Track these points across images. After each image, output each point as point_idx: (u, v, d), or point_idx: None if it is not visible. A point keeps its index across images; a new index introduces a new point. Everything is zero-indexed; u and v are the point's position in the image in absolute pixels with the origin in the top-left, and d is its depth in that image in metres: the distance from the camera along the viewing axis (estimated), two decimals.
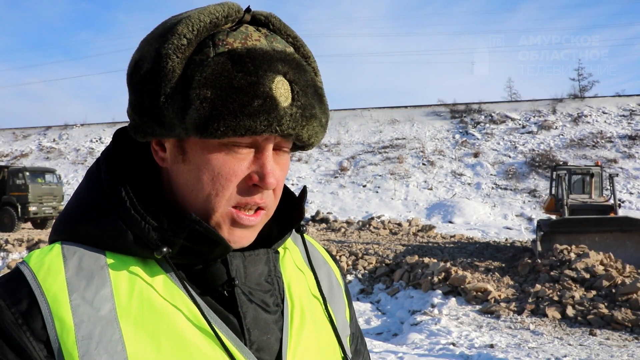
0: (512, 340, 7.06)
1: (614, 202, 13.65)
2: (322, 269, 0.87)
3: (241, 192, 0.67)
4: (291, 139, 0.68)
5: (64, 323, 0.60)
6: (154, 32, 0.68)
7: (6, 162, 34.27)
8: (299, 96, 0.66)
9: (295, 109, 0.66)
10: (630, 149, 26.25)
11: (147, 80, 0.65)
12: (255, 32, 0.67)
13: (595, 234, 10.99)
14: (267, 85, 0.63)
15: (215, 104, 0.62)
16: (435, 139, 30.48)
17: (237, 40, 0.65)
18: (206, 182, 0.66)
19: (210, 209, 0.67)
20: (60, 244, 0.67)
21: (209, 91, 0.62)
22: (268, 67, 0.64)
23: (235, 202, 0.67)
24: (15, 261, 13.38)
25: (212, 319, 0.66)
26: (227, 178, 0.66)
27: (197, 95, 0.62)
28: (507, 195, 24.26)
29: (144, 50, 0.67)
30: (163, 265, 0.67)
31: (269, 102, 0.63)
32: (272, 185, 0.67)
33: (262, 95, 0.63)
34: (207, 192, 0.66)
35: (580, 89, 33.81)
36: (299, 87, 0.67)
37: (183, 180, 0.68)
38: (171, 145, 0.69)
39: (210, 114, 0.62)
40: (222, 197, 0.67)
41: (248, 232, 0.70)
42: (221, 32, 0.66)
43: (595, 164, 15.68)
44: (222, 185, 0.66)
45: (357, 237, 17.07)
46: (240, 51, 0.64)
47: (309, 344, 0.74)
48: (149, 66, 0.65)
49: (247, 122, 0.62)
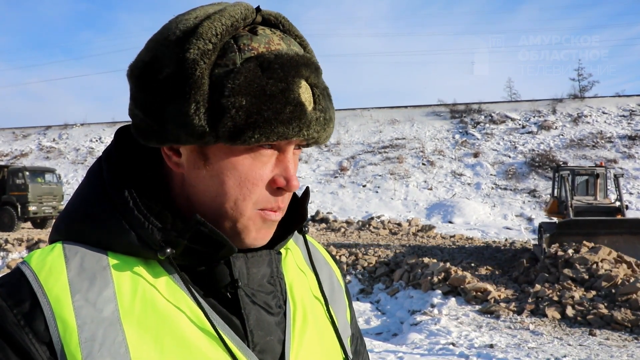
0: (512, 340, 7.06)
1: (620, 203, 13.00)
2: (324, 270, 0.87)
3: (266, 195, 0.68)
4: (312, 141, 0.69)
5: (67, 324, 0.59)
6: (168, 33, 0.65)
7: (6, 161, 34.24)
8: (320, 100, 0.67)
9: (318, 112, 0.67)
10: (630, 149, 26.26)
11: (170, 85, 0.63)
12: (274, 36, 0.67)
13: (604, 237, 10.57)
14: (296, 92, 0.64)
15: (250, 112, 0.61)
16: (435, 139, 30.48)
17: (262, 45, 0.64)
18: (232, 187, 0.66)
19: (238, 214, 0.67)
20: (62, 244, 0.66)
21: (244, 99, 0.61)
22: (295, 73, 0.64)
23: (262, 205, 0.68)
24: (15, 261, 13.37)
25: (215, 321, 0.66)
26: (254, 182, 0.66)
27: (232, 103, 0.61)
28: (507, 196, 24.26)
29: (159, 52, 0.64)
30: (166, 266, 0.67)
31: (299, 108, 0.64)
32: (296, 188, 0.68)
33: (293, 101, 0.63)
34: (234, 197, 0.66)
35: (580, 89, 33.85)
36: (319, 90, 0.68)
37: (204, 186, 0.67)
38: (189, 151, 0.67)
39: (246, 122, 0.61)
40: (250, 201, 0.67)
41: (271, 230, 0.71)
42: (243, 35, 0.65)
43: (599, 165, 15.03)
44: (249, 189, 0.66)
45: (357, 237, 17.07)
46: (268, 57, 0.63)
47: (311, 346, 0.74)
48: (171, 71, 0.63)
49: (280, 128, 0.62)
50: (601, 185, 14.27)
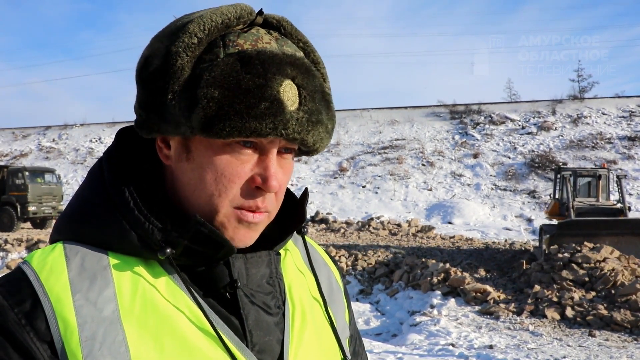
0: (512, 341, 7.06)
1: (623, 204, 12.76)
2: (323, 270, 0.87)
3: (244, 194, 0.67)
4: (296, 143, 0.68)
5: (68, 323, 0.60)
6: (166, 29, 0.68)
7: (6, 161, 34.24)
8: (307, 101, 0.67)
9: (302, 113, 0.66)
10: (630, 150, 26.26)
11: (155, 77, 0.65)
12: (266, 35, 0.67)
13: (606, 237, 10.36)
14: (274, 88, 0.63)
15: (222, 104, 0.62)
16: (435, 139, 30.48)
17: (248, 42, 0.65)
18: (209, 181, 0.66)
19: (213, 209, 0.67)
20: (62, 244, 0.67)
21: (217, 91, 0.62)
22: (277, 70, 0.64)
23: (237, 203, 0.67)
24: (15, 261, 13.37)
25: (214, 321, 0.66)
26: (230, 179, 0.66)
27: (204, 94, 0.62)
28: (506, 196, 24.26)
29: (154, 47, 0.67)
30: (165, 266, 0.67)
31: (276, 105, 0.63)
32: (274, 189, 0.67)
33: (269, 97, 0.63)
34: (210, 192, 0.67)
35: (580, 90, 33.83)
36: (307, 92, 0.67)
37: (186, 179, 0.68)
38: (176, 143, 0.69)
39: (217, 114, 0.62)
40: (225, 197, 0.67)
41: (252, 231, 0.70)
42: (232, 33, 0.66)
43: (602, 167, 14.79)
44: (224, 185, 0.66)
45: (357, 237, 17.07)
46: (250, 53, 0.64)
47: (310, 346, 0.74)
48: (158, 63, 0.65)
49: (253, 123, 0.62)
50: (603, 186, 14.04)
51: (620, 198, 13.10)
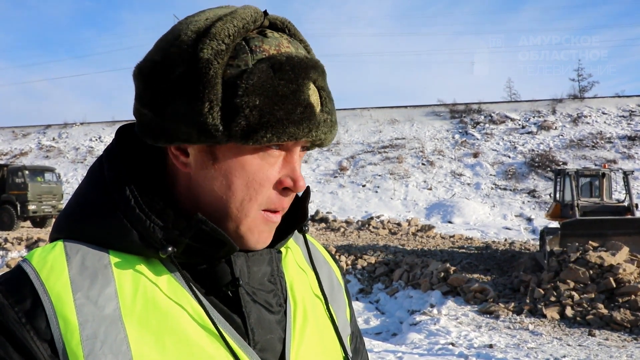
0: (511, 340, 7.06)
1: (631, 202, 12.11)
2: (324, 268, 0.87)
3: (272, 196, 0.68)
4: (318, 143, 0.70)
5: (68, 322, 0.60)
6: (179, 34, 0.65)
7: (5, 160, 34.22)
8: (327, 102, 0.69)
9: (325, 115, 0.68)
10: (630, 149, 26.25)
11: (182, 85, 0.63)
12: (283, 39, 0.68)
13: (612, 237, 9.96)
14: (306, 93, 0.65)
15: (263, 112, 0.62)
16: (435, 139, 30.48)
17: (272, 47, 0.66)
18: (239, 187, 0.67)
19: (243, 215, 0.68)
20: (63, 242, 0.66)
21: (257, 99, 0.62)
22: (305, 75, 0.65)
23: (266, 206, 0.68)
24: (15, 260, 13.36)
25: (216, 319, 0.66)
26: (261, 183, 0.67)
27: (245, 103, 0.62)
28: (506, 196, 24.26)
29: (171, 52, 0.65)
30: (167, 264, 0.67)
31: (309, 109, 0.65)
32: (303, 189, 0.69)
33: (303, 102, 0.65)
34: (241, 197, 0.67)
35: (580, 89, 33.82)
36: (325, 93, 0.69)
37: (211, 186, 0.67)
38: (197, 151, 0.67)
39: (259, 122, 0.62)
40: (255, 201, 0.67)
41: (272, 232, 0.71)
42: (254, 38, 0.66)
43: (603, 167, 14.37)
44: (255, 190, 0.67)
45: (357, 236, 17.07)
46: (279, 59, 0.64)
47: (312, 344, 0.74)
48: (183, 70, 0.63)
49: (291, 129, 0.64)
50: (607, 186, 13.72)
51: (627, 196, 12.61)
